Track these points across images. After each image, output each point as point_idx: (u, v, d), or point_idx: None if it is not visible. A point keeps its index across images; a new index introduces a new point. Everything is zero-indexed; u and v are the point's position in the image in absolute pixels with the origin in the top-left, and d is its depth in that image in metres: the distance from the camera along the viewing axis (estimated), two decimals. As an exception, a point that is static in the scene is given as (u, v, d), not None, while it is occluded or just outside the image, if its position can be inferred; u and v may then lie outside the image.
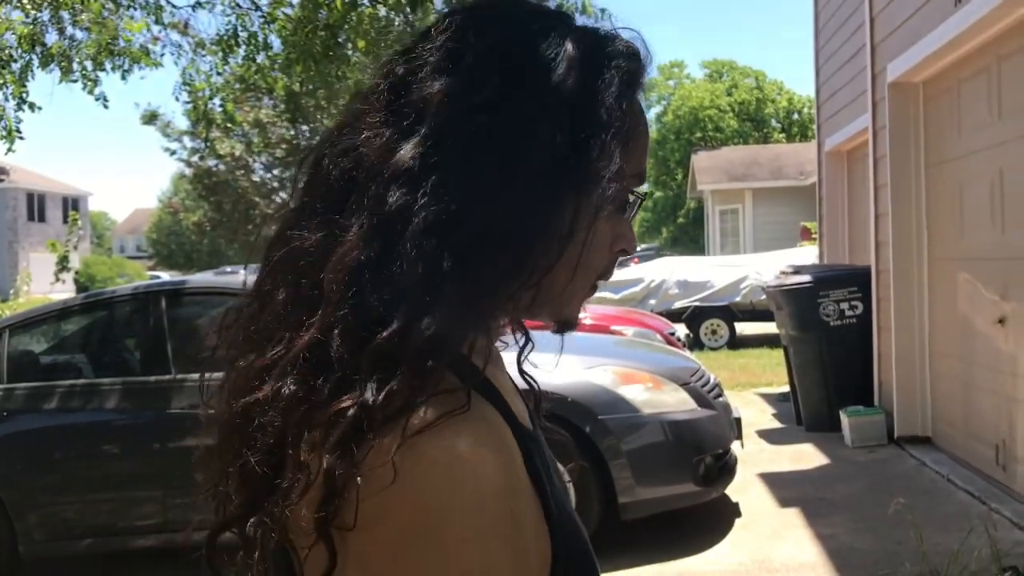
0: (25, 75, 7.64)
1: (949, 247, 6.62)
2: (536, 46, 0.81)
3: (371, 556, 0.68)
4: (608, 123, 0.81)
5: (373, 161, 0.78)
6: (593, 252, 0.84)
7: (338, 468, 0.68)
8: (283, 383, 0.74)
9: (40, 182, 51.72)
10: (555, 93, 0.79)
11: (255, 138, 21.58)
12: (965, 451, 6.33)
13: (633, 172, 0.86)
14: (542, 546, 0.76)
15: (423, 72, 0.81)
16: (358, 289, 0.74)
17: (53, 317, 5.98)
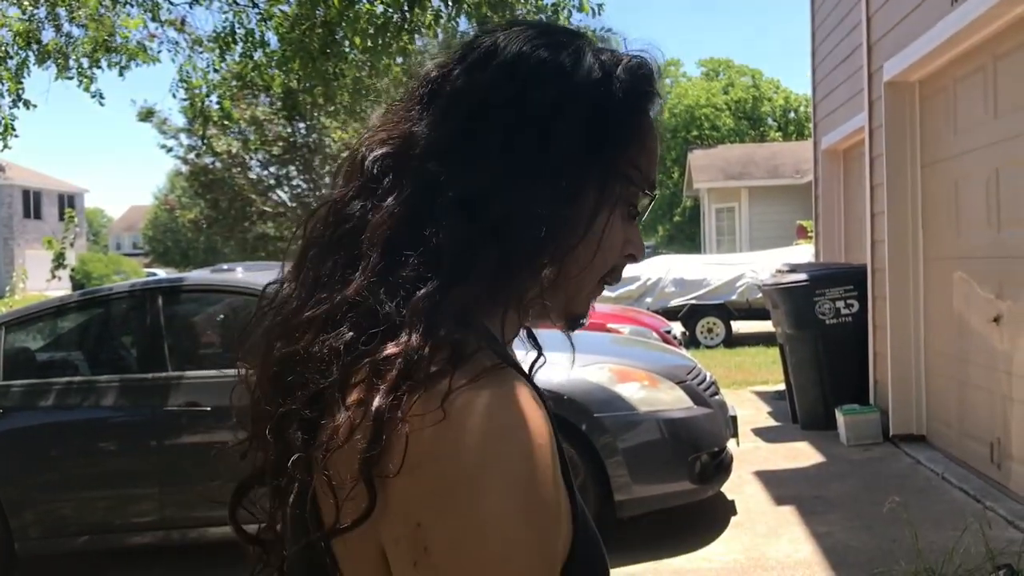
0: (21, 72, 7.62)
1: (945, 246, 6.63)
2: (560, 53, 0.89)
3: (412, 499, 0.70)
4: (627, 127, 0.89)
5: (411, 143, 0.86)
6: (606, 249, 0.89)
7: (386, 411, 0.71)
8: (327, 334, 0.79)
9: (36, 179, 51.61)
10: (578, 94, 0.87)
11: (252, 135, 21.54)
12: (960, 449, 6.35)
13: (645, 178, 0.92)
14: (565, 516, 0.78)
15: (458, 70, 0.90)
16: (396, 248, 0.80)
17: (50, 314, 5.97)
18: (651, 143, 0.93)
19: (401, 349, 0.74)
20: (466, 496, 0.69)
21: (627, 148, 0.89)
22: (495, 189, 0.82)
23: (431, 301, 0.76)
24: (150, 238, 49.51)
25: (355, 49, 7.19)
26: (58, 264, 10.19)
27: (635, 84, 0.92)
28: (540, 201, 0.82)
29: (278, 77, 8.15)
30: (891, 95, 7.12)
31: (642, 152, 0.91)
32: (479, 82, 0.87)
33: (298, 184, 22.85)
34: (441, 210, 0.81)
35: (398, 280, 0.78)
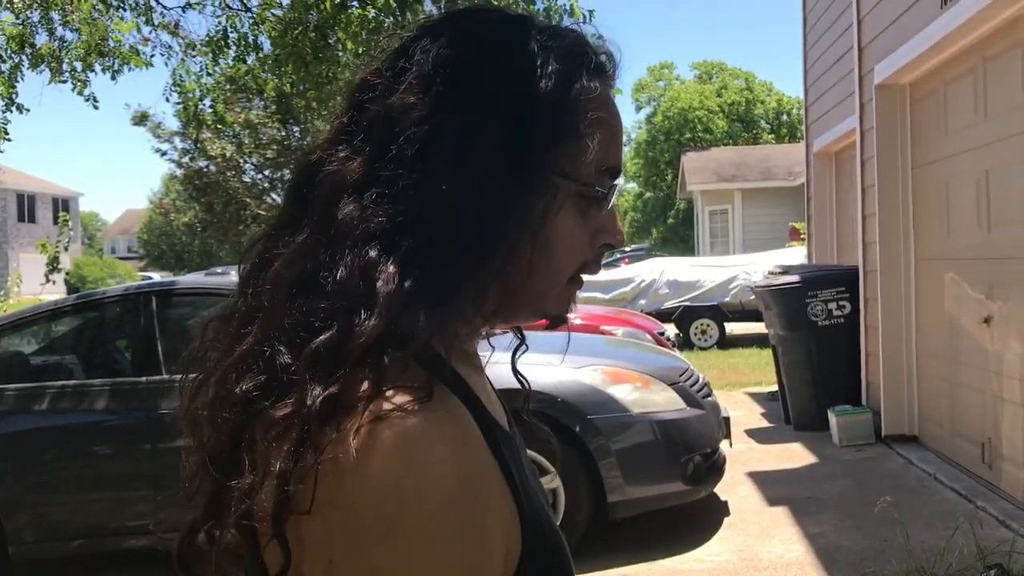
0: (14, 76, 7.63)
1: (935, 247, 6.67)
2: (477, 52, 0.83)
3: (326, 538, 0.69)
4: (554, 120, 0.82)
5: (327, 177, 0.81)
6: (561, 249, 0.84)
7: (289, 471, 0.69)
8: (231, 387, 0.77)
9: (30, 183, 51.50)
10: (492, 94, 0.81)
11: (246, 139, 21.53)
12: (951, 449, 6.38)
13: (601, 165, 0.85)
14: (511, 534, 0.76)
15: (375, 91, 0.84)
16: (299, 298, 0.76)
17: (44, 318, 5.97)
18: (598, 128, 0.84)
19: (293, 410, 0.71)
20: (377, 533, 0.67)
21: (560, 143, 0.82)
22: (409, 217, 0.77)
23: (327, 348, 0.72)
24: (145, 242, 49.47)
25: (347, 53, 7.21)
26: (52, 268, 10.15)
27: (566, 67, 0.84)
28: (462, 220, 0.77)
29: (271, 81, 8.17)
30: (882, 97, 7.15)
31: (582, 141, 0.83)
32: (392, 102, 0.81)
33: (292, 188, 22.79)
34: (348, 248, 0.76)
35: (298, 328, 0.74)
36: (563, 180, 0.83)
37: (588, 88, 0.85)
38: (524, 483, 0.80)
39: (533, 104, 0.81)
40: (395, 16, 6.45)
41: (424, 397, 0.71)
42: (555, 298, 0.88)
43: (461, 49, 0.83)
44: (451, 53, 0.83)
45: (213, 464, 0.77)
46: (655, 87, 44.24)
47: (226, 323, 0.85)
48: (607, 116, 0.87)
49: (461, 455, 0.71)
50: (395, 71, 0.84)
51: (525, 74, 0.82)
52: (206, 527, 0.79)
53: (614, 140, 0.88)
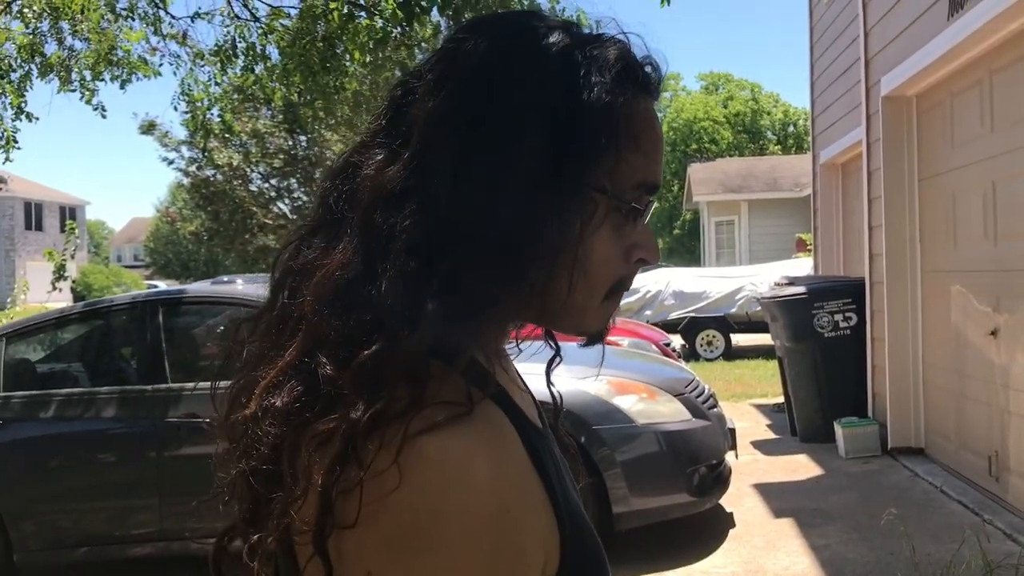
0: (24, 85, 7.67)
1: (942, 259, 6.66)
2: (518, 60, 0.81)
3: (366, 551, 0.69)
4: (594, 134, 0.80)
5: (364, 183, 0.81)
6: (596, 265, 0.83)
7: (332, 486, 0.69)
8: (273, 400, 0.76)
9: (38, 191, 51.69)
10: (532, 105, 0.79)
11: (253, 148, 21.59)
12: (958, 462, 6.35)
13: (638, 180, 0.84)
14: (550, 546, 0.75)
15: (416, 95, 0.83)
16: (341, 309, 0.76)
17: (50, 326, 5.99)
18: (637, 142, 0.83)
19: (338, 425, 0.71)
20: (416, 546, 0.68)
21: (600, 158, 0.80)
22: (448, 229, 0.76)
23: (373, 363, 0.72)
24: (151, 250, 49.60)
25: (355, 63, 7.24)
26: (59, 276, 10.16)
27: (609, 80, 0.82)
28: (501, 233, 0.76)
29: (279, 90, 8.20)
30: (889, 109, 7.15)
31: (621, 154, 0.82)
32: (432, 109, 0.80)
33: (299, 197, 22.87)
34: (390, 260, 0.75)
35: (341, 340, 0.74)
36: (602, 196, 0.82)
37: (630, 102, 0.84)
38: (564, 491, 0.80)
39: (574, 117, 0.80)
40: (402, 27, 6.47)
41: (466, 411, 0.72)
42: (593, 314, 0.87)
43: (504, 56, 0.82)
44: (493, 60, 0.81)
45: (254, 476, 0.77)
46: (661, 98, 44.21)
47: (259, 329, 0.85)
48: (648, 131, 0.86)
49: (502, 470, 0.71)
50: (436, 75, 0.83)
51: (567, 86, 0.80)
52: (246, 537, 0.80)
53: (654, 156, 0.86)
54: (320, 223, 0.84)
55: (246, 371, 0.83)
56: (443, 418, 0.70)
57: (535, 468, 0.76)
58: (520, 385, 0.92)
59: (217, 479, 0.84)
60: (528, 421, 0.82)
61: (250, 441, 0.78)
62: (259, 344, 0.84)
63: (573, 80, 0.81)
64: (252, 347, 0.85)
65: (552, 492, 0.77)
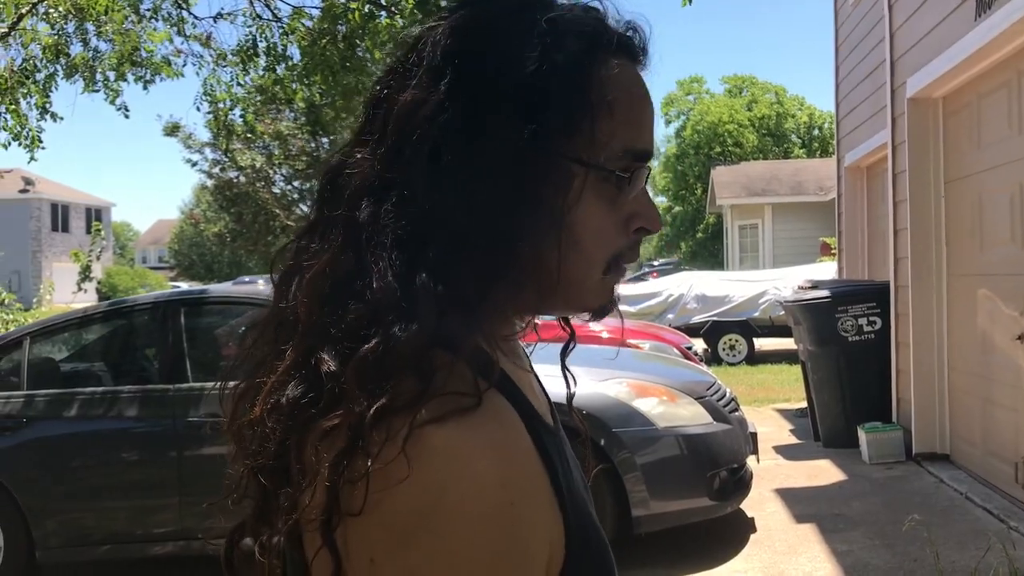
0: (49, 86, 7.74)
1: (968, 263, 6.58)
2: (479, 41, 0.80)
3: (372, 539, 0.69)
4: (564, 105, 0.78)
5: (348, 180, 0.81)
6: (588, 238, 0.81)
7: (339, 478, 0.69)
8: (278, 400, 0.77)
9: (64, 193, 52.26)
10: (499, 85, 0.78)
11: (276, 150, 21.74)
12: (984, 469, 6.28)
13: (621, 147, 0.82)
14: (555, 542, 0.75)
15: (390, 89, 0.83)
16: (336, 305, 0.76)
17: (74, 325, 6.03)
18: (619, 107, 0.81)
19: (343, 420, 0.71)
20: (418, 536, 0.67)
21: (572, 128, 0.78)
22: (431, 217, 0.76)
23: (374, 358, 0.72)
24: (176, 252, 49.96)
25: (376, 63, 7.25)
26: (84, 277, 10.28)
27: (576, 48, 0.80)
28: (482, 217, 0.75)
29: (300, 91, 8.22)
30: (914, 111, 7.08)
31: (601, 123, 0.79)
32: (404, 100, 0.80)
33: (322, 198, 23.00)
34: (377, 253, 0.75)
35: (339, 336, 0.74)
36: (580, 167, 0.79)
37: (603, 68, 0.81)
38: (571, 487, 0.79)
39: (540, 91, 0.78)
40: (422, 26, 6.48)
41: (473, 403, 0.71)
42: (593, 289, 0.85)
43: (467, 39, 0.81)
44: (457, 45, 0.80)
45: (262, 473, 0.78)
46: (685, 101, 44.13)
47: (263, 332, 0.85)
48: (629, 96, 0.83)
49: (507, 463, 0.71)
50: (406, 68, 0.83)
51: (531, 60, 0.78)
52: (256, 533, 0.80)
53: (640, 121, 0.84)
54: (315, 223, 0.84)
55: (250, 374, 0.84)
56: (450, 409, 0.70)
57: (542, 463, 0.75)
58: (535, 386, 0.91)
59: (228, 478, 0.85)
60: (538, 416, 0.81)
61: (258, 441, 0.79)
62: (262, 348, 0.84)
63: (535, 53, 0.79)
64: (256, 351, 0.85)
65: (558, 489, 0.76)
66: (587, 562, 0.79)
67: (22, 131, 7.44)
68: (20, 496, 5.20)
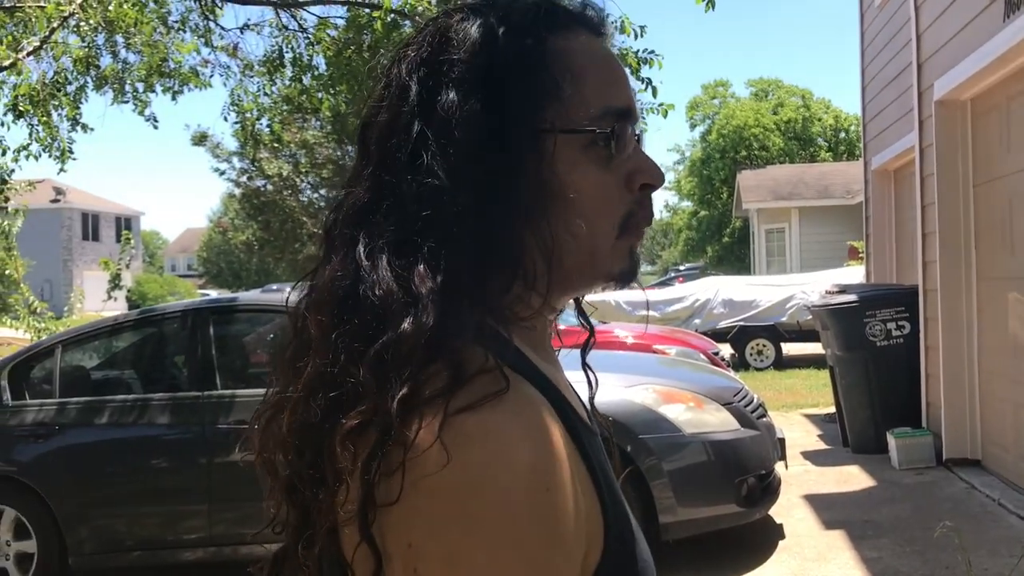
0: (79, 97, 7.85)
1: (998, 266, 6.51)
2: (441, 46, 0.83)
3: (405, 521, 0.69)
4: (525, 81, 0.81)
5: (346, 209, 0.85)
6: (590, 204, 0.82)
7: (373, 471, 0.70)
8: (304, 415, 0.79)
9: (94, 202, 52.84)
10: (462, 79, 0.81)
11: (302, 159, 21.90)
12: (1017, 474, 6.20)
13: (599, 109, 0.83)
14: (593, 534, 0.75)
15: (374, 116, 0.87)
16: (345, 316, 0.78)
17: (105, 333, 6.10)
18: (584, 73, 0.84)
19: (367, 417, 0.72)
20: (456, 519, 0.68)
21: (540, 100, 0.81)
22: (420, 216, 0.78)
23: (386, 354, 0.73)
24: (204, 260, 50.40)
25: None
26: (114, 285, 10.38)
27: (527, 28, 0.83)
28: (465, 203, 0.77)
29: (326, 100, 8.28)
30: (942, 114, 7.02)
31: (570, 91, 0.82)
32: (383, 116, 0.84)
33: (348, 206, 23.15)
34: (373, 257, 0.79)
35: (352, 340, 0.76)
36: (557, 134, 0.81)
37: (558, 40, 0.84)
38: (609, 483, 0.80)
39: (500, 73, 0.81)
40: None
41: (502, 388, 0.72)
42: (608, 255, 0.85)
43: (429, 48, 0.84)
44: (421, 55, 0.84)
45: (300, 483, 0.79)
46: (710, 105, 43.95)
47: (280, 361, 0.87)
48: (593, 60, 0.86)
49: (542, 449, 0.71)
50: (383, 93, 0.87)
51: (484, 48, 0.82)
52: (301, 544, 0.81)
53: (611, 81, 0.86)
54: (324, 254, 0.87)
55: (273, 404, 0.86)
56: (481, 396, 0.71)
57: (578, 453, 0.76)
58: (567, 384, 0.91)
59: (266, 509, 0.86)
60: (571, 407, 0.82)
61: (289, 456, 0.81)
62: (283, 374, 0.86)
63: (490, 40, 0.82)
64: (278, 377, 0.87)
65: (596, 481, 0.77)
66: (626, 560, 0.79)
67: (53, 143, 7.55)
68: (53, 502, 5.27)
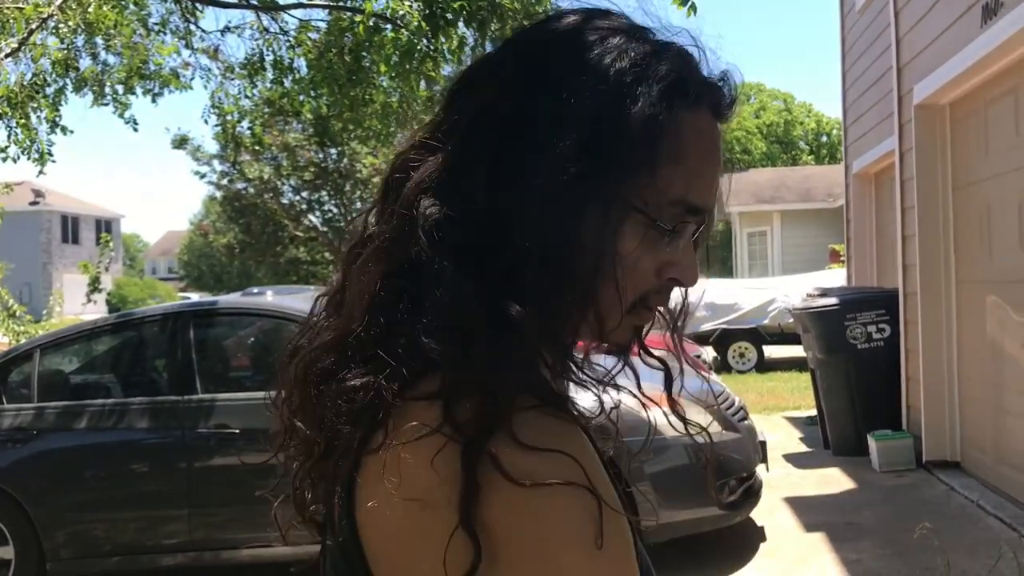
0: (59, 99, 7.79)
1: (977, 269, 6.56)
2: (566, 62, 0.79)
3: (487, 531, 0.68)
4: (629, 147, 0.76)
5: (410, 181, 0.80)
6: (620, 275, 0.79)
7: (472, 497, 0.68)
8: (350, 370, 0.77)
9: (74, 204, 52.48)
10: (571, 110, 0.76)
11: (284, 161, 21.82)
12: (996, 477, 6.24)
13: (675, 197, 0.80)
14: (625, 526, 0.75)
15: (470, 90, 0.83)
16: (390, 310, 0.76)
17: (84, 337, 6.06)
18: (685, 158, 0.79)
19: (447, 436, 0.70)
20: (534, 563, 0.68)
21: (635, 170, 0.76)
22: (488, 229, 0.75)
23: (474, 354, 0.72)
24: (185, 263, 50.11)
25: (382, 76, 7.28)
26: (93, 288, 10.31)
27: (655, 92, 0.78)
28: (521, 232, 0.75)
29: (308, 103, 8.26)
30: (921, 118, 7.07)
31: (665, 171, 0.78)
32: (475, 105, 0.80)
33: (329, 209, 23.10)
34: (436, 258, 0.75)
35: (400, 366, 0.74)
36: (630, 209, 0.78)
37: (676, 116, 0.79)
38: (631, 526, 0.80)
39: (611, 125, 0.77)
40: (427, 38, 6.51)
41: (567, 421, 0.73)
42: (615, 325, 0.83)
43: (552, 57, 0.80)
44: (542, 60, 0.80)
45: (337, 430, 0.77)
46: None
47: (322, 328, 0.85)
48: (696, 149, 0.81)
49: (604, 483, 0.72)
50: (489, 70, 0.83)
51: (609, 93, 0.77)
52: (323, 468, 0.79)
53: (699, 175, 0.82)
54: (376, 203, 0.85)
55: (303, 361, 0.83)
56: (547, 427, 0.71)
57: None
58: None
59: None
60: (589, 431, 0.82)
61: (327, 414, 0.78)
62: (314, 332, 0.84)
63: (617, 88, 0.78)
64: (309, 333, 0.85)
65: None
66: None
67: (32, 145, 7.49)
68: (31, 507, 5.22)
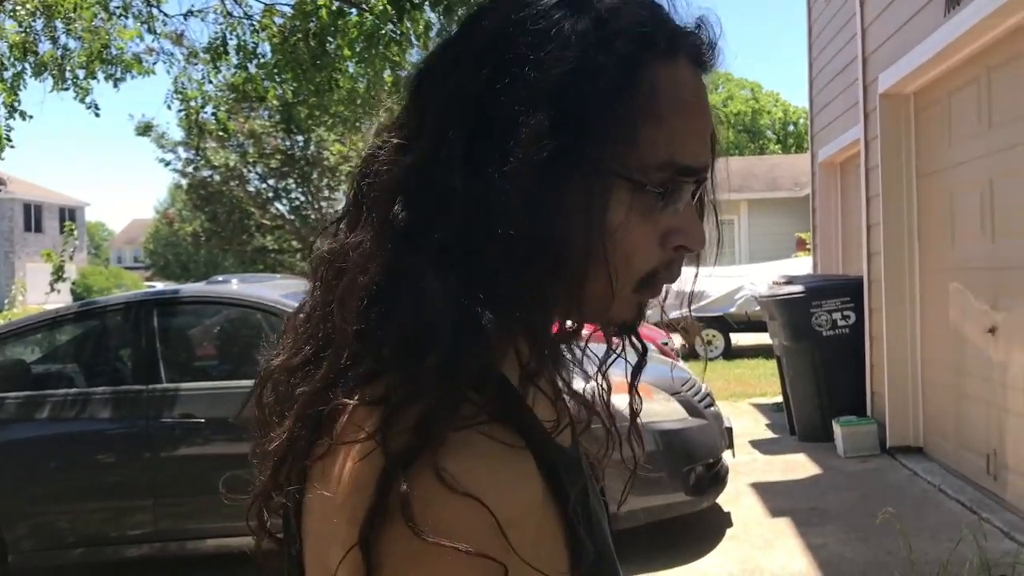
0: (17, 84, 7.65)
1: (941, 257, 6.63)
2: (526, 34, 0.74)
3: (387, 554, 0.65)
4: (601, 107, 0.72)
5: (381, 175, 0.76)
6: (622, 252, 0.75)
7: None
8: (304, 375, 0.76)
9: (37, 192, 51.68)
10: (540, 79, 0.71)
11: (250, 148, 21.62)
12: (957, 461, 6.33)
13: (662, 159, 0.74)
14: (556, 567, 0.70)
15: (431, 77, 0.79)
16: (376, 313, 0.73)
17: (45, 326, 5.97)
18: (668, 116, 0.74)
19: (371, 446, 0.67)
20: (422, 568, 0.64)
21: (613, 136, 0.72)
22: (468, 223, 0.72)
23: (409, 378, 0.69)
24: (151, 251, 49.62)
25: (347, 60, 7.22)
26: (57, 277, 10.18)
27: (624, 51, 0.73)
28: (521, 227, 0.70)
29: (272, 88, 8.18)
30: (886, 107, 7.13)
31: (647, 132, 0.73)
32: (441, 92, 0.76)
33: (296, 197, 22.93)
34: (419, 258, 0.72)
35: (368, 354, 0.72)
36: (616, 177, 0.73)
37: (655, 73, 0.74)
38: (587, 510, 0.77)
39: (579, 96, 0.72)
40: (392, 23, 6.45)
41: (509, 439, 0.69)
42: (620, 304, 0.79)
43: (513, 29, 0.74)
44: (503, 33, 0.74)
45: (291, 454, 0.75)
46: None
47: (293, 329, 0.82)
48: (681, 105, 0.76)
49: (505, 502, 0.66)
50: (449, 55, 0.78)
51: (572, 60, 0.72)
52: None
53: (687, 132, 0.76)
54: (347, 212, 0.81)
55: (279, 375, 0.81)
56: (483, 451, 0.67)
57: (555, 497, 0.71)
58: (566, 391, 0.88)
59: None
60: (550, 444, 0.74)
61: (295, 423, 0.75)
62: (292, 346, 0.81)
63: (581, 52, 0.72)
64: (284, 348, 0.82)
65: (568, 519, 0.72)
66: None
67: (-11, 130, 7.37)
68: (-9, 499, 5.15)
